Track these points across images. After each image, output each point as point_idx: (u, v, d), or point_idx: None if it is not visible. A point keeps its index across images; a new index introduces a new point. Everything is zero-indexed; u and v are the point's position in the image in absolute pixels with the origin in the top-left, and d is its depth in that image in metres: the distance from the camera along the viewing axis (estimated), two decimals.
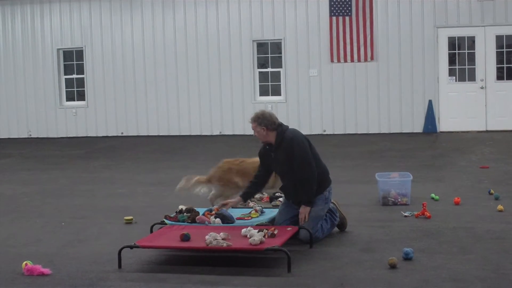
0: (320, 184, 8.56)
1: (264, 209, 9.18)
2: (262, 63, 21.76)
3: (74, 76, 22.98)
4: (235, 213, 8.92)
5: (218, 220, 8.65)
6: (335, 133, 20.89)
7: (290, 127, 8.68)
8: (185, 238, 7.73)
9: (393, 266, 7.20)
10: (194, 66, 21.81)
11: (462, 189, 11.63)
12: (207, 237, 7.60)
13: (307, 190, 8.41)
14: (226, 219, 8.61)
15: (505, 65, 20.20)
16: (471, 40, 20.30)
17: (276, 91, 21.59)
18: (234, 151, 18.16)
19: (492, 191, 11.08)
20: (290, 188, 8.61)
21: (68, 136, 22.79)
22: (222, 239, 7.60)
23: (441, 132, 20.31)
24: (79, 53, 22.81)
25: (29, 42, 23.00)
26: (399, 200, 10.50)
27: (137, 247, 7.68)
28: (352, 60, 20.65)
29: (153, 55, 22.10)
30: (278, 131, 8.52)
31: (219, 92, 21.70)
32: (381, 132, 20.69)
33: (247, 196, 9.01)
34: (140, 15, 22.11)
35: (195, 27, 21.76)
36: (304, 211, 8.41)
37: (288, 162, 8.43)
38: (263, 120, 8.50)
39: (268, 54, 21.70)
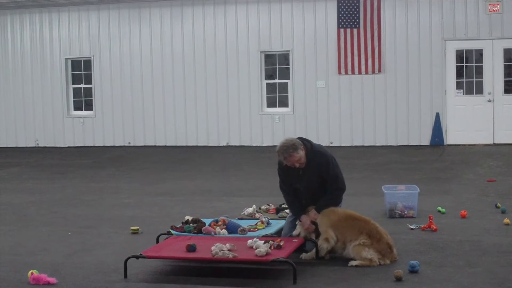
0: None
1: (270, 221, 9.17)
2: (269, 75, 21.78)
3: (82, 85, 23.03)
4: (242, 224, 8.90)
5: (224, 231, 8.66)
6: (342, 145, 20.87)
7: (313, 142, 8.55)
8: (191, 248, 7.73)
9: (399, 279, 7.18)
10: (201, 76, 21.84)
11: (468, 202, 11.60)
12: (213, 248, 7.60)
13: (335, 201, 8.39)
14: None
15: None
16: (479, 53, 20.28)
17: (284, 103, 21.60)
18: (241, 162, 18.19)
19: (499, 204, 11.05)
20: (309, 202, 8.50)
21: (75, 145, 22.81)
22: (228, 250, 7.60)
23: (448, 144, 20.27)
24: (87, 63, 22.86)
25: (37, 51, 23.06)
26: (406, 212, 10.50)
27: (143, 257, 7.68)
28: (359, 72, 20.65)
29: (161, 65, 22.14)
30: (307, 147, 8.36)
31: (226, 103, 21.71)
32: (388, 144, 20.66)
33: (301, 212, 8.55)
34: (149, 25, 22.16)
35: (203, 38, 21.79)
36: (316, 216, 8.28)
37: (317, 177, 8.34)
38: (294, 144, 8.19)
39: (276, 65, 21.72)
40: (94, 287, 7.29)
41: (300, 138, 8.43)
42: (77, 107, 23.17)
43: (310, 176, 8.37)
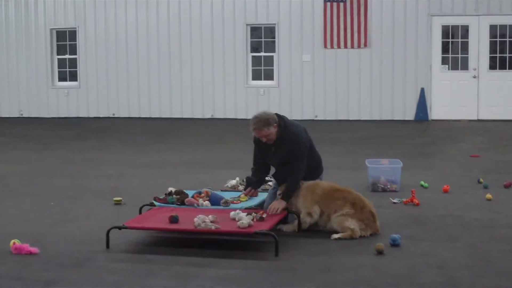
0: (313, 172, 8.56)
1: None
2: (255, 47, 21.71)
3: (67, 56, 22.89)
4: (225, 196, 8.90)
5: (207, 203, 8.67)
6: (327, 118, 20.88)
7: (288, 119, 8.44)
8: (174, 220, 7.74)
9: (380, 252, 7.23)
10: (187, 49, 21.74)
11: (451, 177, 11.66)
12: (195, 219, 7.61)
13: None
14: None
15: (498, 55, 20.21)
16: (465, 29, 20.29)
17: (269, 76, 21.56)
18: (226, 135, 18.18)
19: (481, 180, 11.12)
20: (284, 176, 8.48)
21: (60, 116, 22.71)
22: (211, 221, 7.61)
23: (432, 120, 20.33)
24: (72, 34, 22.71)
25: (22, 21, 22.87)
26: (389, 186, 10.54)
27: (126, 228, 7.69)
28: (345, 47, 20.62)
29: (146, 37, 22.02)
30: (280, 125, 8.25)
31: (211, 76, 21.65)
32: (373, 118, 20.69)
33: (259, 184, 8.90)
34: None
35: (189, 9, 21.66)
36: (279, 205, 8.21)
37: (287, 155, 8.27)
38: (268, 120, 8.14)
39: (262, 38, 21.65)
40: (76, 257, 7.29)
41: (276, 115, 8.31)
42: (62, 78, 23.05)
43: (281, 154, 8.34)
